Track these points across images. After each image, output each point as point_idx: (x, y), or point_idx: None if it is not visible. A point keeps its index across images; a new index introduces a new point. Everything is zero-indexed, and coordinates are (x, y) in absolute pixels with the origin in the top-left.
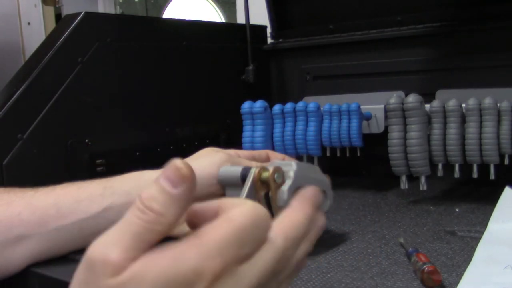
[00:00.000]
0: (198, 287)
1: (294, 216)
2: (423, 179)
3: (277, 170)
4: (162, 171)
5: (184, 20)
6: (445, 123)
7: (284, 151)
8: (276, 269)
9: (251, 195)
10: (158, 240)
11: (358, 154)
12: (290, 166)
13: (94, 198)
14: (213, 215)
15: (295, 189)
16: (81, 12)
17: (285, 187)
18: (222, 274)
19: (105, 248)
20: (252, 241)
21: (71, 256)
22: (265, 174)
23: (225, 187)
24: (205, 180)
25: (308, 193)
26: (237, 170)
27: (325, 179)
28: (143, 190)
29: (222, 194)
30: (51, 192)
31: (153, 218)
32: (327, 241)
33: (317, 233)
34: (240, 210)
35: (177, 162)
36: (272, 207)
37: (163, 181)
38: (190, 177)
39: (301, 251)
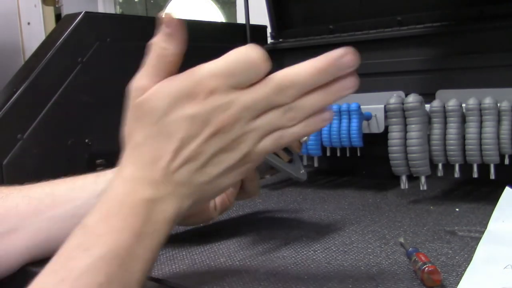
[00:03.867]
0: (199, 96)
1: (302, 64)
2: (423, 179)
3: None
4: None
5: (184, 20)
6: (445, 123)
7: None
8: (272, 100)
9: None
10: (171, 68)
11: (358, 154)
12: None
13: (87, 185)
14: None
15: None
16: (81, 12)
17: None
18: (216, 91)
19: (135, 80)
20: (242, 72)
21: None
22: None
23: None
24: None
25: (330, 53)
26: None
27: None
28: None
29: None
30: (47, 184)
31: (160, 52)
32: (327, 241)
33: (339, 88)
34: (235, 49)
35: (167, 14)
36: None
37: (163, 28)
38: (177, 22)
39: (314, 98)
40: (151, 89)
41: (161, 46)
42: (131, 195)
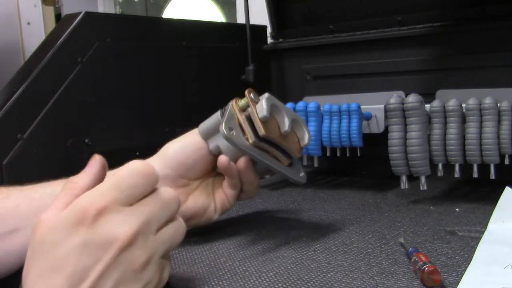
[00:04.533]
0: (86, 221)
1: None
2: (423, 179)
3: (251, 90)
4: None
5: (184, 20)
6: (445, 123)
7: None
8: (159, 215)
9: (232, 122)
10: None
11: (358, 154)
12: (265, 94)
13: None
14: None
15: (271, 105)
16: (81, 12)
17: (263, 99)
18: (106, 210)
19: (42, 215)
20: (131, 187)
21: None
22: (242, 101)
23: (208, 141)
24: (182, 165)
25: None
26: (215, 114)
27: (298, 114)
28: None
29: (214, 167)
30: (48, 185)
31: (70, 187)
32: (327, 241)
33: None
34: (123, 167)
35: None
36: (256, 124)
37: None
38: (95, 164)
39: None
40: (45, 222)
41: (74, 182)
42: None
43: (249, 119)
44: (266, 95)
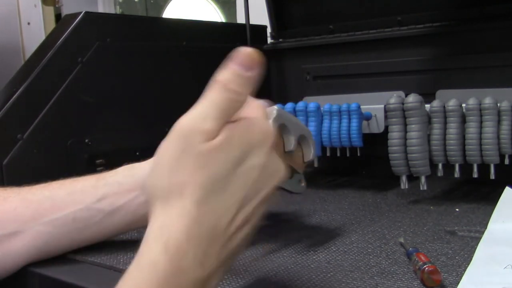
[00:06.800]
0: (266, 146)
1: None
2: (423, 179)
3: None
4: (234, 57)
5: (184, 20)
6: (445, 123)
7: None
8: None
9: None
10: (236, 111)
11: (358, 154)
12: (272, 108)
13: (87, 189)
14: None
15: (277, 125)
16: (81, 12)
17: (270, 120)
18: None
19: (196, 120)
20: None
21: (71, 256)
22: None
23: None
24: None
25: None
26: None
27: (307, 128)
28: (135, 180)
29: None
30: (46, 187)
31: (233, 96)
32: (327, 241)
33: None
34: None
35: (248, 49)
36: None
37: (238, 66)
38: (260, 62)
39: None
40: (221, 135)
41: (235, 90)
42: (179, 275)
43: None
44: (274, 113)
